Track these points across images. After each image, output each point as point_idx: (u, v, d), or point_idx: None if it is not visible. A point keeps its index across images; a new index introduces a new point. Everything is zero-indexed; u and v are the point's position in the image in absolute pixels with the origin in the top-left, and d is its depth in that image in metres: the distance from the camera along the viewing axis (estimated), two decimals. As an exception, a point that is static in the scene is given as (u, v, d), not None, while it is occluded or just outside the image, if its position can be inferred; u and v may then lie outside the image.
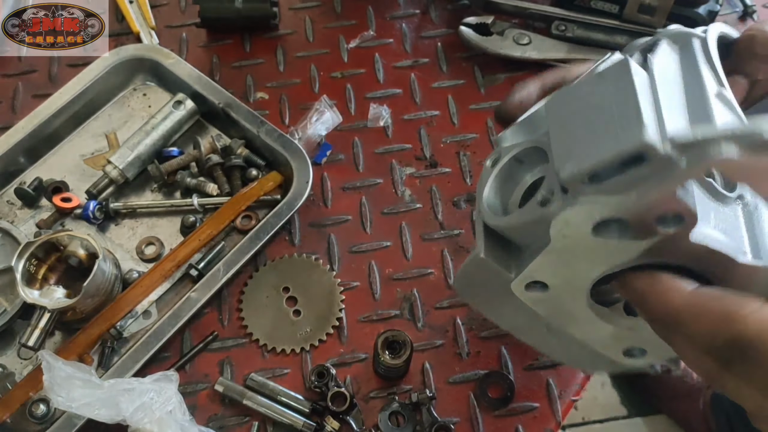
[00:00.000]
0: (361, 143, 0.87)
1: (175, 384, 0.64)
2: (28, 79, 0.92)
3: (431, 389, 0.72)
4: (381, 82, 0.92)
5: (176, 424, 0.63)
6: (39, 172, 0.84)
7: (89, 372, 0.63)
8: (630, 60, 0.41)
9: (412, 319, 0.76)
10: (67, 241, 0.73)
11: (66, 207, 0.80)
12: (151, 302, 0.76)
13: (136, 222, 0.82)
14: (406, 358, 0.68)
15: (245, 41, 0.95)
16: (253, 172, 0.82)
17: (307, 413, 0.70)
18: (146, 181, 0.84)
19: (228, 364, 0.74)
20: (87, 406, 0.60)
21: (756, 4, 0.96)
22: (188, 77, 0.85)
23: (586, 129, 0.41)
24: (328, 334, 0.75)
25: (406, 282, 0.78)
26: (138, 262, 0.79)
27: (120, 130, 0.87)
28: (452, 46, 0.94)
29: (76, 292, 0.70)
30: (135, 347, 0.70)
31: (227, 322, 0.76)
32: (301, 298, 0.77)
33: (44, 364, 0.61)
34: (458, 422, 0.71)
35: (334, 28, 0.96)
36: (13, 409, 0.68)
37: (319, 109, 0.86)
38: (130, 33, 0.95)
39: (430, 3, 0.98)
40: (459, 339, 0.75)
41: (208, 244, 0.78)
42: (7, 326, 0.73)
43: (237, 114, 0.83)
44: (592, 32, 0.89)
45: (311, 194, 0.83)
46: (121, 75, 0.88)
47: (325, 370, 0.71)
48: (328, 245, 0.80)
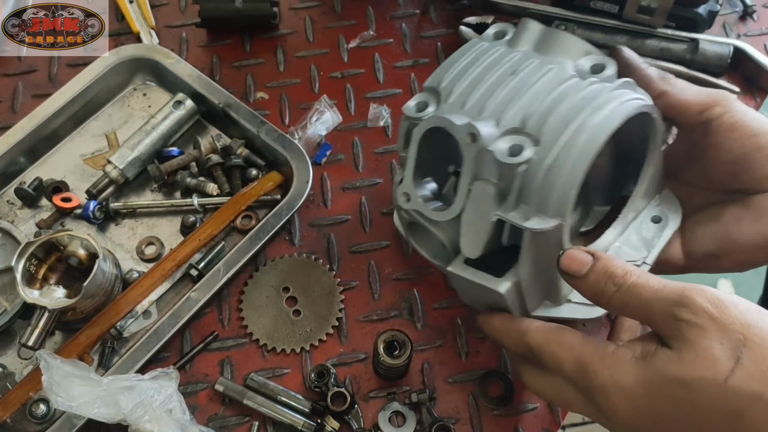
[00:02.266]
0: (361, 143, 0.87)
1: (175, 381, 0.64)
2: (28, 79, 0.92)
3: (431, 389, 0.72)
4: (381, 82, 0.92)
5: (176, 424, 0.63)
6: (39, 172, 0.84)
7: (88, 369, 0.63)
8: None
9: (412, 319, 0.76)
10: (67, 241, 0.73)
11: (66, 207, 0.80)
12: (151, 302, 0.76)
13: (136, 222, 0.82)
14: (406, 358, 0.68)
15: (245, 41, 0.95)
16: (253, 172, 0.82)
17: (307, 413, 0.70)
18: (146, 181, 0.84)
19: (228, 363, 0.74)
20: (87, 404, 0.60)
21: (756, 4, 0.96)
22: (188, 77, 0.85)
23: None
24: (328, 334, 0.75)
25: (406, 282, 0.78)
26: (138, 262, 0.79)
27: (120, 130, 0.87)
28: (452, 46, 0.93)
29: (76, 292, 0.70)
30: (135, 347, 0.70)
31: (227, 322, 0.76)
32: (301, 297, 0.77)
33: (42, 363, 0.61)
34: (458, 422, 0.71)
35: (334, 28, 0.96)
36: (13, 409, 0.68)
37: (319, 109, 0.87)
38: (130, 33, 0.95)
39: (430, 3, 0.98)
40: (459, 339, 0.75)
41: (208, 244, 0.78)
42: (7, 326, 0.73)
43: (237, 114, 0.83)
44: (592, 32, 0.89)
45: (311, 194, 0.83)
46: (121, 75, 0.88)
47: (325, 370, 0.71)
48: (328, 245, 0.80)
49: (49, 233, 0.73)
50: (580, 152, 0.55)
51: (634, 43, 0.87)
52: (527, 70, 0.61)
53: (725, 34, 0.94)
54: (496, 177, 0.57)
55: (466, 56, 0.65)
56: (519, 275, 0.59)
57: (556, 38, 0.63)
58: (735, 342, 0.48)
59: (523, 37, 0.65)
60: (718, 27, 0.95)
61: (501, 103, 0.59)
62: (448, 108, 0.62)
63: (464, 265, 0.62)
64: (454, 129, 0.58)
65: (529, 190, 0.56)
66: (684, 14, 0.87)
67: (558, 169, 0.55)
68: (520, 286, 0.59)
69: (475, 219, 0.59)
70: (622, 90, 0.59)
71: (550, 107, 0.57)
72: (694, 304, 0.49)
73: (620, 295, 0.53)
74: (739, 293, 1.99)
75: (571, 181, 0.55)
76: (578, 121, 0.55)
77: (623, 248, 0.66)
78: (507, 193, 0.57)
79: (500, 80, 0.61)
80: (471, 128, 0.56)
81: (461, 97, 0.62)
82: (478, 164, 0.57)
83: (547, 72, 0.60)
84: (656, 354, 0.50)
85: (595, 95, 0.57)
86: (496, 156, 0.56)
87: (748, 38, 0.94)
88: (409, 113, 0.64)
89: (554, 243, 0.58)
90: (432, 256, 0.68)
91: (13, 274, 0.70)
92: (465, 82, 0.62)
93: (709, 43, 0.86)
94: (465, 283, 0.62)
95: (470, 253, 0.60)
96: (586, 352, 0.53)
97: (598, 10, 0.89)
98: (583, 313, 0.62)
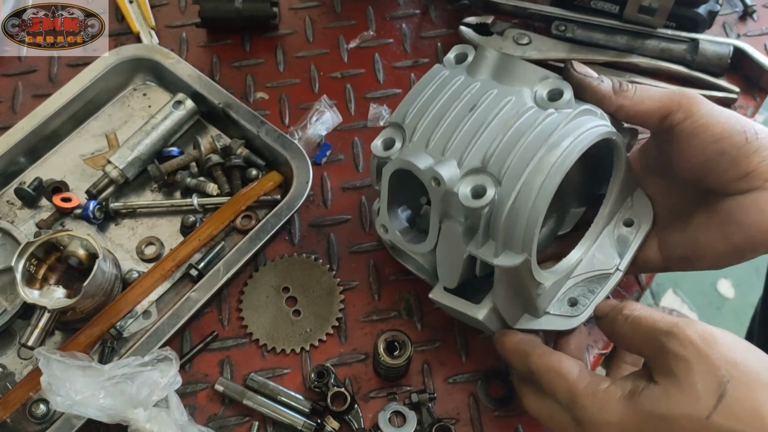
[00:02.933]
0: (361, 143, 0.87)
1: (175, 363, 0.63)
2: (28, 79, 0.92)
3: (431, 389, 0.72)
4: (381, 82, 0.92)
5: (175, 424, 0.63)
6: (39, 172, 0.84)
7: (87, 359, 0.62)
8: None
9: (412, 319, 0.76)
10: (67, 241, 0.73)
11: (66, 207, 0.80)
12: (151, 302, 0.76)
13: (136, 222, 0.82)
14: (406, 358, 0.68)
15: (245, 41, 0.95)
16: (253, 172, 0.82)
17: (307, 413, 0.70)
18: (146, 181, 0.84)
19: (228, 364, 0.74)
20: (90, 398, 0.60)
21: (756, 4, 0.96)
22: (188, 77, 0.85)
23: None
24: (328, 334, 0.75)
25: (406, 282, 0.78)
26: (138, 262, 0.79)
27: (120, 130, 0.87)
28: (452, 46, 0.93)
29: (76, 292, 0.70)
30: (135, 347, 0.70)
31: (227, 322, 0.76)
32: (301, 298, 0.77)
33: (42, 360, 0.60)
34: (458, 422, 0.71)
35: (334, 28, 0.96)
36: (13, 409, 0.68)
37: (319, 109, 0.87)
38: (130, 33, 0.95)
39: (430, 3, 0.98)
40: (459, 339, 0.75)
41: (208, 244, 0.78)
42: (7, 326, 0.73)
43: (237, 114, 0.83)
44: (592, 32, 0.89)
45: (311, 194, 0.83)
46: (121, 75, 0.88)
47: (325, 370, 0.71)
48: (327, 245, 0.80)
49: (49, 233, 0.73)
50: (538, 192, 0.57)
51: (634, 43, 0.87)
52: (486, 104, 0.63)
53: (725, 34, 0.94)
54: (462, 216, 0.60)
55: (428, 87, 0.67)
56: (495, 301, 0.63)
57: (513, 66, 0.65)
58: (719, 379, 0.49)
59: (481, 65, 0.66)
60: (718, 27, 0.94)
61: (461, 141, 0.62)
62: (413, 147, 0.64)
63: (444, 292, 0.67)
64: (419, 173, 0.61)
65: (494, 227, 0.59)
66: (684, 14, 0.87)
67: (519, 209, 0.58)
68: (496, 309, 0.64)
69: (448, 254, 0.63)
70: (580, 119, 0.61)
71: (508, 146, 0.59)
72: (683, 336, 0.51)
73: (627, 325, 0.57)
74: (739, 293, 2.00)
75: (533, 219, 0.58)
76: (535, 161, 0.58)
77: (597, 256, 0.68)
78: (475, 229, 0.60)
79: (460, 116, 0.63)
80: (434, 173, 0.59)
81: (424, 135, 0.64)
82: (445, 204, 0.61)
83: (505, 105, 0.62)
84: (643, 392, 0.52)
85: (551, 130, 0.59)
86: (461, 199, 0.58)
87: (748, 38, 0.94)
88: (377, 152, 0.66)
89: (525, 271, 0.61)
90: (416, 270, 0.73)
91: (13, 274, 0.70)
92: (426, 120, 0.65)
93: (709, 43, 0.86)
94: (446, 308, 0.67)
95: (448, 284, 0.65)
96: (579, 386, 0.56)
97: (598, 10, 0.89)
98: (561, 324, 0.66)
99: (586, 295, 0.66)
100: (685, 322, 0.52)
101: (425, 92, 0.66)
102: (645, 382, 0.53)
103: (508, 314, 0.65)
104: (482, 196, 0.58)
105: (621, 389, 0.54)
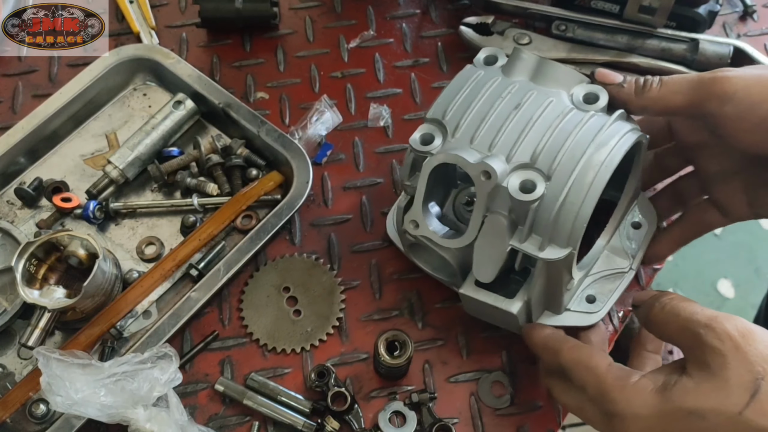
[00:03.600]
0: (362, 143, 0.87)
1: (175, 360, 0.63)
2: (28, 79, 0.92)
3: (432, 389, 0.72)
4: (381, 82, 0.92)
5: (175, 424, 0.63)
6: (39, 172, 0.84)
7: (87, 357, 0.62)
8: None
9: (413, 318, 0.76)
10: (67, 241, 0.73)
11: (66, 207, 0.80)
12: (151, 302, 0.76)
13: (136, 222, 0.82)
14: (406, 358, 0.68)
15: (245, 41, 0.95)
16: (253, 172, 0.82)
17: (308, 413, 0.70)
18: (146, 181, 0.84)
19: (228, 363, 0.74)
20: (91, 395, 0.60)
21: (756, 4, 0.96)
22: (188, 77, 0.85)
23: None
24: (328, 334, 0.75)
25: (407, 281, 0.78)
26: (138, 262, 0.79)
27: (120, 130, 0.87)
28: (453, 46, 0.94)
29: (76, 292, 0.70)
30: (135, 347, 0.70)
31: (228, 321, 0.76)
32: (302, 297, 0.77)
33: (41, 360, 0.60)
34: (459, 422, 0.71)
35: (334, 28, 0.96)
36: (13, 409, 0.68)
37: (319, 109, 0.87)
38: (130, 33, 0.95)
39: (431, 3, 0.98)
40: (460, 338, 0.75)
41: (208, 244, 0.78)
42: (7, 326, 0.73)
43: (237, 114, 0.83)
44: (593, 32, 0.89)
45: (311, 194, 0.83)
46: (121, 75, 0.88)
47: (326, 370, 0.71)
48: (328, 245, 0.80)
49: (49, 233, 0.73)
50: (589, 189, 0.59)
51: (634, 43, 0.87)
52: (529, 102, 0.64)
53: (725, 34, 0.94)
54: (508, 210, 0.61)
55: (466, 87, 0.67)
56: (529, 295, 0.64)
57: (551, 69, 0.66)
58: (754, 375, 0.49)
59: (518, 67, 0.67)
60: (718, 27, 0.95)
61: (509, 138, 0.63)
62: (457, 143, 0.65)
63: (476, 288, 0.66)
64: (468, 167, 0.61)
65: (541, 222, 0.60)
66: (684, 14, 0.87)
67: (570, 205, 0.59)
68: (528, 303, 0.65)
69: (489, 248, 0.63)
70: (618, 123, 0.63)
71: (556, 143, 0.61)
72: (721, 330, 0.51)
73: (663, 314, 0.56)
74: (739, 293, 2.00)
75: (583, 215, 0.59)
76: (585, 158, 0.60)
77: (611, 256, 0.73)
78: (518, 224, 0.61)
79: (505, 114, 0.64)
80: (485, 167, 0.60)
81: (468, 131, 0.65)
82: (491, 198, 0.61)
83: (548, 105, 0.63)
84: (676, 385, 0.52)
85: (596, 130, 0.61)
86: (511, 192, 0.59)
87: (748, 38, 0.94)
88: (416, 146, 0.66)
89: (565, 266, 0.63)
90: (433, 270, 0.73)
91: (13, 274, 0.70)
92: (470, 116, 0.65)
93: (709, 43, 0.86)
94: (476, 303, 0.67)
95: (484, 278, 0.64)
96: (609, 379, 0.56)
97: (598, 9, 0.89)
98: (582, 320, 0.69)
99: (603, 292, 0.70)
100: (724, 316, 0.52)
101: (464, 90, 0.67)
102: (677, 376, 0.53)
103: (535, 309, 0.67)
104: (532, 191, 0.59)
105: (653, 382, 0.54)
